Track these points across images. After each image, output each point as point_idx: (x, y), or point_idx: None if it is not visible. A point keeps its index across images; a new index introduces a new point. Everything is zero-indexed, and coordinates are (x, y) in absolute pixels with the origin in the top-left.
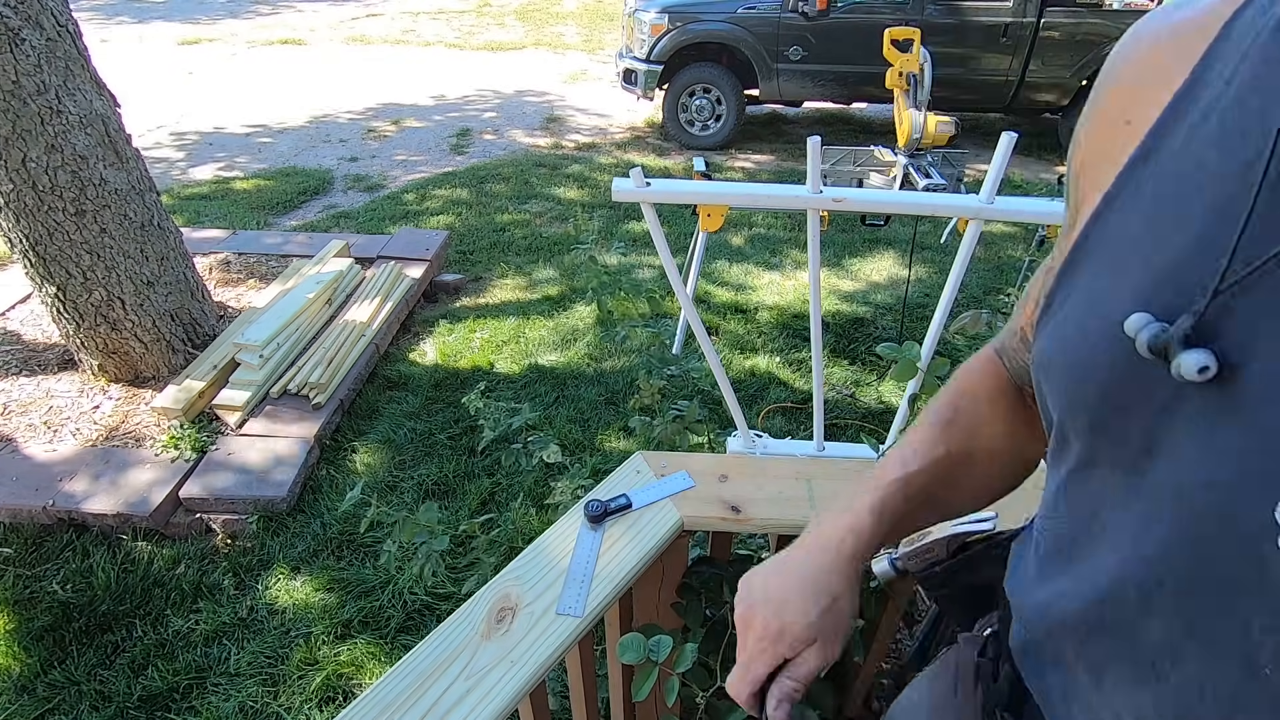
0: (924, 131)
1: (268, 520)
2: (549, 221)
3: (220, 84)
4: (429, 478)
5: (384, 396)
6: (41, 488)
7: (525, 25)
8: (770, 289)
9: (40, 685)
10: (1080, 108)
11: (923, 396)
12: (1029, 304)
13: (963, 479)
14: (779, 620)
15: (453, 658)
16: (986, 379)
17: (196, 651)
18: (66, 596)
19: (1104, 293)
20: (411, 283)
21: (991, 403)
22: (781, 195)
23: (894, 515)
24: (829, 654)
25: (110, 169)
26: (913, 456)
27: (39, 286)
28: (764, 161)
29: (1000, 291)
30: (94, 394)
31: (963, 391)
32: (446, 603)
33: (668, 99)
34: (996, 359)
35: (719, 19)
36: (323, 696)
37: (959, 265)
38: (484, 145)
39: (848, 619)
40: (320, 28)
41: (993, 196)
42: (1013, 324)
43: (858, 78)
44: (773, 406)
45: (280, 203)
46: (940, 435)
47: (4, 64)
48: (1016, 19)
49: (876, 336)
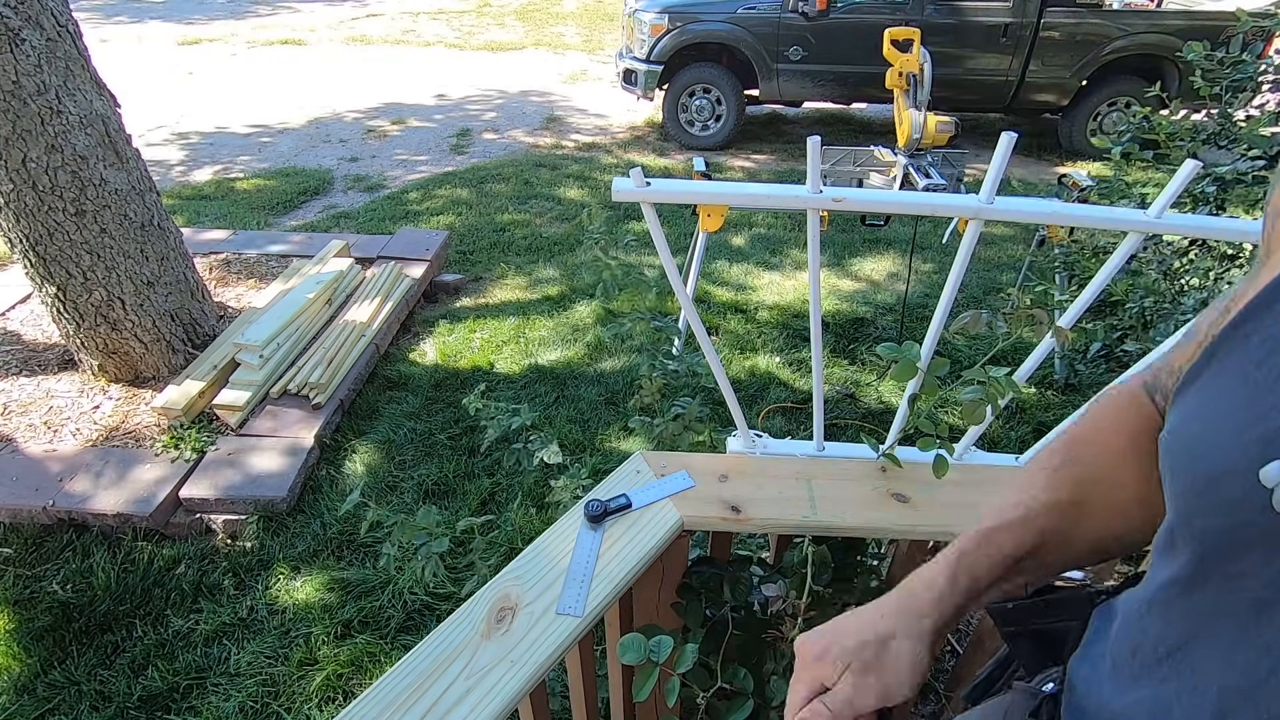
0: (924, 132)
1: (268, 520)
2: (549, 221)
3: (220, 84)
4: (429, 478)
5: (384, 397)
6: (42, 488)
7: (525, 25)
8: (770, 289)
9: (40, 685)
10: (1080, 108)
11: (923, 396)
12: (1194, 341)
13: (1074, 532)
14: (823, 641)
15: (453, 657)
16: (1125, 418)
17: (196, 651)
18: (67, 596)
19: (1257, 402)
20: (411, 283)
21: (1125, 450)
22: (781, 195)
23: (975, 574)
24: (874, 690)
25: (110, 169)
26: (1011, 509)
27: (39, 286)
28: (764, 161)
29: (1001, 291)
30: (94, 394)
31: (1085, 439)
32: (446, 603)
33: (668, 99)
34: (1144, 397)
35: (719, 19)
36: (323, 696)
37: (959, 265)
38: (484, 145)
39: (906, 664)
40: (320, 28)
41: (992, 197)
42: (1170, 359)
43: (858, 78)
44: (773, 406)
45: (280, 203)
46: (1050, 481)
47: (4, 64)
48: (1016, 19)
49: (877, 336)
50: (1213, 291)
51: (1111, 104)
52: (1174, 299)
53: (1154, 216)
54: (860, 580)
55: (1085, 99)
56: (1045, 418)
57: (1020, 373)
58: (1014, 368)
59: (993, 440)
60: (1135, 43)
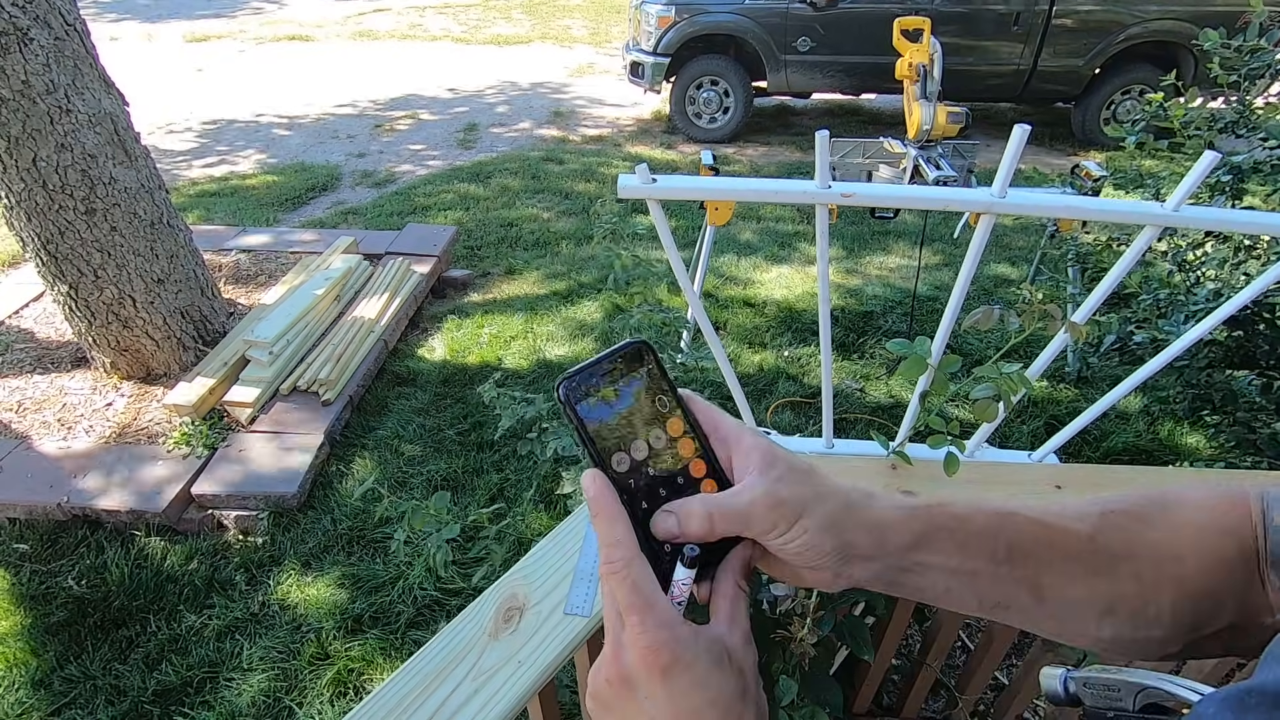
0: (934, 123)
1: (279, 516)
2: (557, 216)
3: (228, 81)
4: (438, 473)
5: (393, 393)
6: (56, 484)
7: (532, 19)
8: (778, 282)
9: (56, 680)
10: (1093, 96)
11: (934, 393)
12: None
13: (1078, 578)
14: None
15: (460, 658)
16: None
17: (209, 646)
18: (81, 592)
19: None
20: (420, 279)
21: (1204, 526)
22: (789, 191)
23: (930, 529)
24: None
25: (120, 167)
26: (1025, 508)
27: (51, 285)
28: (772, 154)
29: (1012, 284)
30: (106, 391)
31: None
32: (456, 598)
33: (675, 92)
34: (1253, 507)
35: (726, 10)
36: (334, 691)
37: (970, 261)
38: (491, 140)
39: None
40: (327, 23)
41: (1005, 190)
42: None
43: (866, 68)
44: (781, 401)
45: (289, 199)
46: (1096, 512)
47: (13, 63)
48: (1028, 7)
49: (886, 331)
50: (1228, 283)
51: (1125, 92)
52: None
53: (1171, 210)
54: None
55: (1098, 87)
56: (1058, 411)
57: (1033, 369)
58: (1027, 363)
59: (1004, 436)
60: (1149, 29)
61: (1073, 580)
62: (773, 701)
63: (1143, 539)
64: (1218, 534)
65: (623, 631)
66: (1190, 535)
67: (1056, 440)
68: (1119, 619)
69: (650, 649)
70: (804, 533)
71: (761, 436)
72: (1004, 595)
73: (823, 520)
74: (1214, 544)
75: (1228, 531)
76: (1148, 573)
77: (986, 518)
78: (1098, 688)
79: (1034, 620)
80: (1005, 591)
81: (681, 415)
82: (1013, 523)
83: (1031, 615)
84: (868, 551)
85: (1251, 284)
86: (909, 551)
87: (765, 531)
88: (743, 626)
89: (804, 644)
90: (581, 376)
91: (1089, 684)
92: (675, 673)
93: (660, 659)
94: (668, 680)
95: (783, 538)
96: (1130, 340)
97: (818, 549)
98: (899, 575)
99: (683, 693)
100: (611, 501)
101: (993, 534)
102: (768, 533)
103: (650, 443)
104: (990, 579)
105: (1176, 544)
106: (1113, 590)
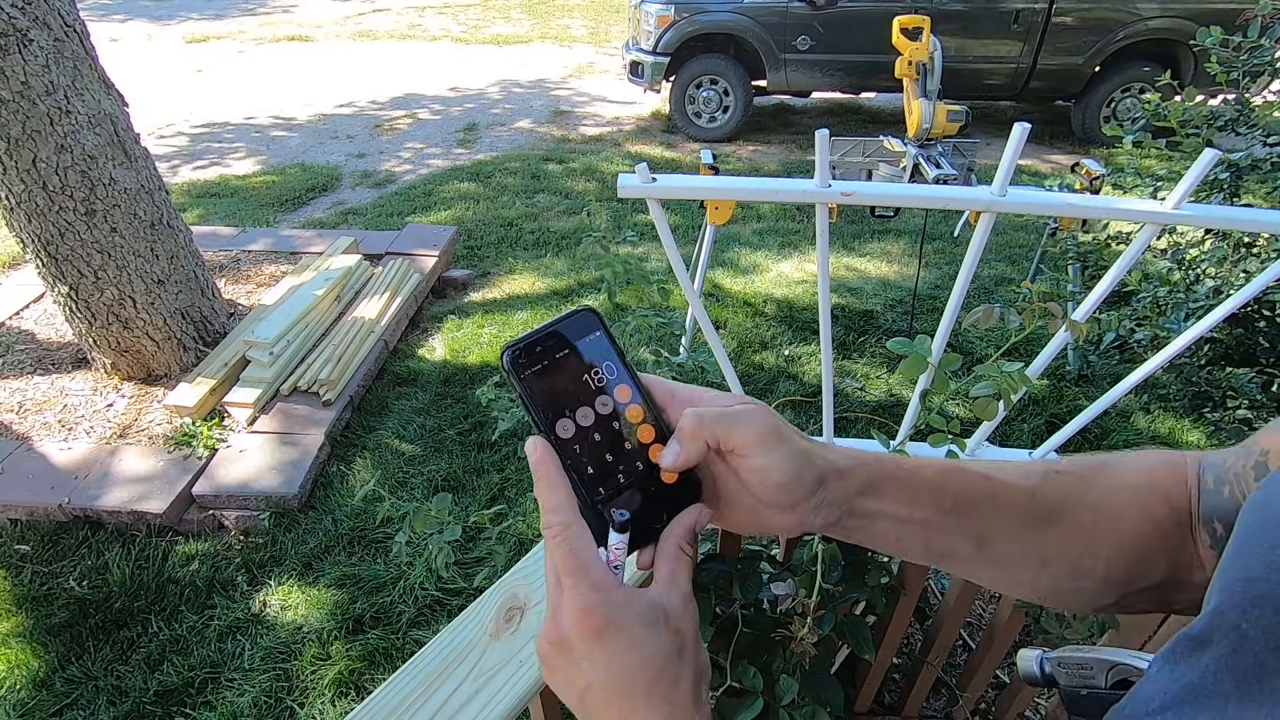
0: (934, 121)
1: (279, 517)
2: (557, 215)
3: (228, 81)
4: (439, 473)
5: (393, 393)
6: (57, 485)
7: (531, 19)
8: (779, 281)
9: (58, 680)
10: (1093, 94)
11: (934, 392)
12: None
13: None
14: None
15: (461, 658)
16: (1160, 471)
17: (210, 647)
18: (83, 593)
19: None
20: (420, 278)
21: (1141, 488)
22: (789, 190)
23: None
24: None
25: (119, 168)
26: (974, 463)
27: (51, 286)
28: (772, 153)
29: (1012, 282)
30: (107, 392)
31: (1104, 461)
32: (457, 598)
33: (675, 91)
34: (1189, 473)
35: (725, 9)
36: (335, 691)
37: (970, 259)
38: (491, 139)
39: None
40: (327, 24)
41: (1005, 189)
42: (1251, 442)
43: (866, 67)
44: (782, 400)
45: (289, 199)
46: (1041, 471)
47: (12, 65)
48: (1028, 5)
49: (886, 329)
50: (1228, 280)
51: (1125, 90)
52: (1188, 288)
53: (1171, 208)
54: (870, 577)
55: (1098, 86)
56: (1058, 409)
57: (1034, 367)
58: (1027, 361)
59: (1005, 435)
60: (1149, 28)
61: (1013, 533)
62: (774, 700)
63: (1082, 498)
64: (1153, 495)
65: (561, 595)
66: (1127, 496)
67: (1057, 439)
68: (1056, 571)
69: (584, 611)
70: (786, 459)
71: (723, 392)
72: (949, 545)
73: (801, 449)
74: (1149, 504)
75: (1163, 493)
76: (1085, 529)
77: (936, 470)
78: (1072, 667)
79: (975, 570)
80: (950, 541)
81: (630, 383)
82: (961, 476)
83: (973, 565)
84: (834, 492)
85: (1252, 281)
86: (862, 496)
87: (750, 442)
88: (683, 588)
89: (805, 643)
90: (527, 344)
91: (1063, 664)
92: (609, 635)
93: (594, 621)
94: (602, 642)
95: (765, 457)
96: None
97: (797, 479)
98: (852, 521)
99: (618, 654)
100: (552, 468)
101: (941, 485)
102: (753, 444)
103: (597, 409)
104: (937, 529)
105: (1114, 503)
106: (1051, 544)
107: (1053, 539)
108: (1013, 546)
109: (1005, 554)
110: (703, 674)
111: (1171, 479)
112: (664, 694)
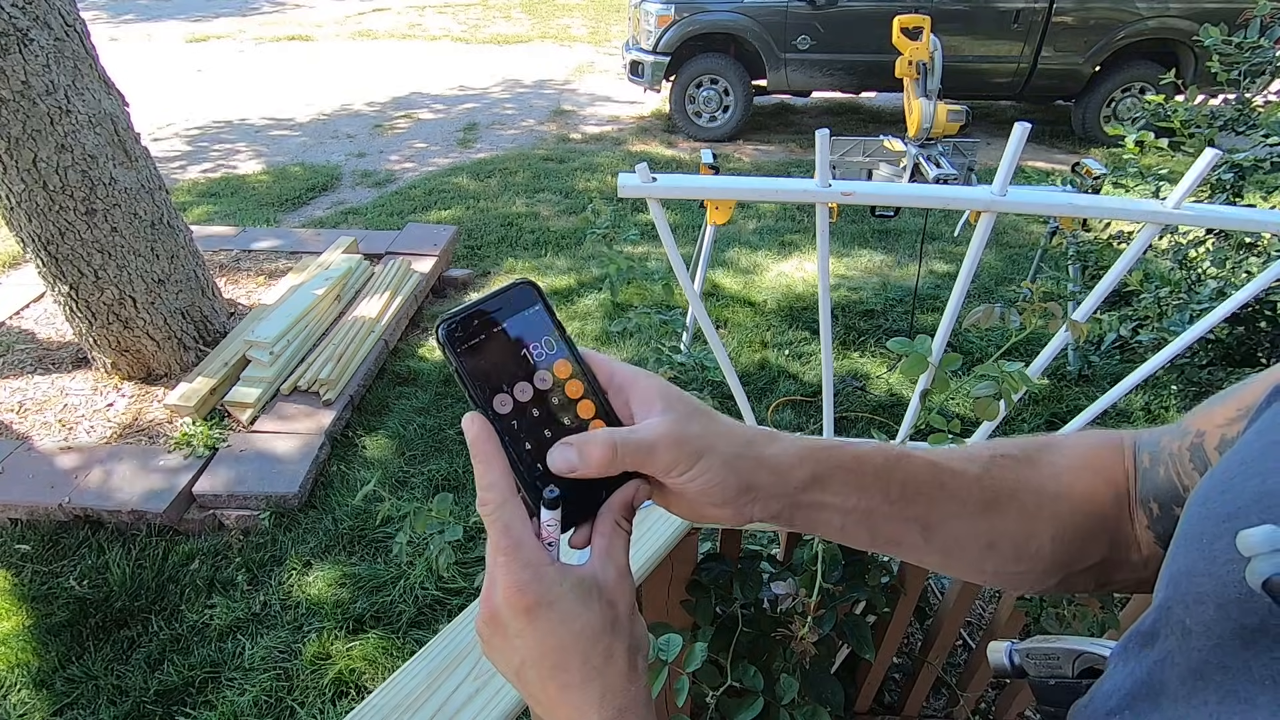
0: (934, 121)
1: (280, 516)
2: (557, 214)
3: (228, 81)
4: (439, 473)
5: (394, 392)
6: (57, 485)
7: (531, 18)
8: (779, 280)
9: (59, 680)
10: (1094, 94)
11: (934, 392)
12: (1228, 404)
13: (973, 511)
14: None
15: (461, 657)
16: (1095, 465)
17: (211, 646)
18: (83, 592)
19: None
20: (420, 278)
21: (1084, 465)
22: (789, 190)
23: (826, 469)
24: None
25: (120, 168)
26: (920, 449)
27: (51, 285)
28: (772, 152)
29: (1012, 282)
30: (107, 392)
31: (1048, 444)
32: (458, 598)
33: (675, 90)
34: (1125, 453)
35: (726, 9)
36: (336, 691)
37: (971, 259)
38: (492, 139)
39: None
40: (327, 23)
41: (1005, 188)
42: (1185, 422)
43: (866, 67)
44: (782, 400)
45: (289, 199)
46: (986, 456)
47: (13, 64)
48: (1028, 4)
49: (887, 329)
50: (1229, 280)
51: (1126, 90)
52: (1190, 289)
53: (1172, 207)
54: (871, 577)
55: (1099, 85)
56: (1059, 409)
57: (1034, 367)
58: (1028, 361)
59: (1005, 434)
60: (1150, 27)
61: (959, 518)
62: (774, 700)
63: (1026, 481)
64: (1093, 475)
65: (495, 573)
66: (1068, 477)
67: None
68: (1001, 554)
69: (515, 588)
70: (706, 471)
71: (659, 378)
72: (896, 533)
73: (726, 458)
74: (1089, 484)
75: (1102, 473)
76: (1030, 512)
77: (884, 458)
78: (1040, 658)
79: (923, 556)
80: (897, 530)
81: (571, 358)
82: (908, 463)
83: (921, 552)
84: (769, 490)
85: (1253, 281)
86: (807, 490)
87: (668, 467)
88: (618, 562)
89: (805, 642)
90: (463, 318)
91: (1032, 655)
92: (539, 611)
93: (525, 598)
94: (533, 618)
95: (685, 475)
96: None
97: (721, 486)
98: (797, 513)
99: (549, 629)
100: (489, 444)
101: (887, 474)
102: (670, 469)
103: (536, 385)
104: (884, 518)
105: (1056, 485)
106: (996, 527)
107: (999, 524)
108: (959, 532)
109: (952, 540)
110: (638, 646)
111: (1110, 459)
112: (597, 667)
